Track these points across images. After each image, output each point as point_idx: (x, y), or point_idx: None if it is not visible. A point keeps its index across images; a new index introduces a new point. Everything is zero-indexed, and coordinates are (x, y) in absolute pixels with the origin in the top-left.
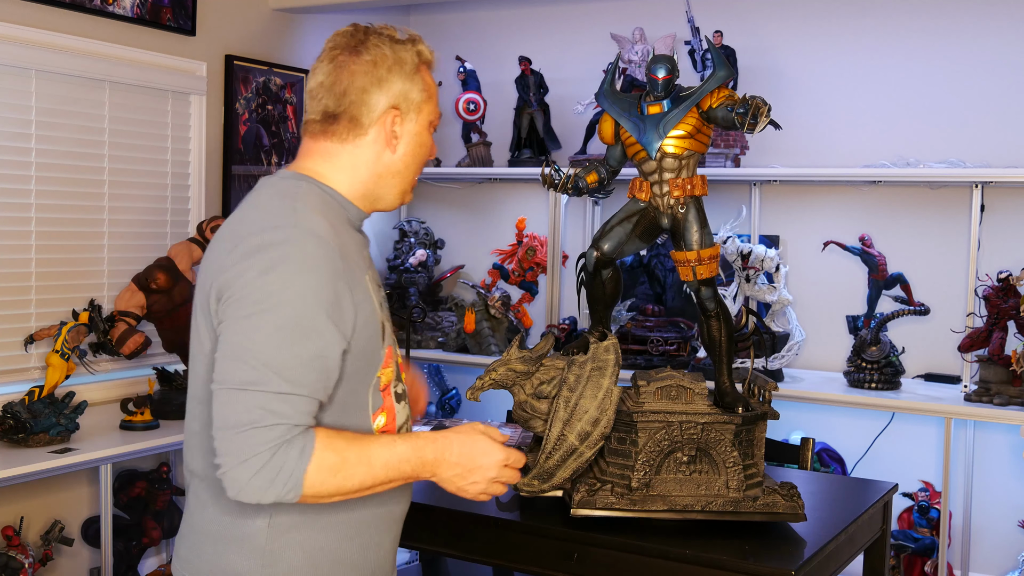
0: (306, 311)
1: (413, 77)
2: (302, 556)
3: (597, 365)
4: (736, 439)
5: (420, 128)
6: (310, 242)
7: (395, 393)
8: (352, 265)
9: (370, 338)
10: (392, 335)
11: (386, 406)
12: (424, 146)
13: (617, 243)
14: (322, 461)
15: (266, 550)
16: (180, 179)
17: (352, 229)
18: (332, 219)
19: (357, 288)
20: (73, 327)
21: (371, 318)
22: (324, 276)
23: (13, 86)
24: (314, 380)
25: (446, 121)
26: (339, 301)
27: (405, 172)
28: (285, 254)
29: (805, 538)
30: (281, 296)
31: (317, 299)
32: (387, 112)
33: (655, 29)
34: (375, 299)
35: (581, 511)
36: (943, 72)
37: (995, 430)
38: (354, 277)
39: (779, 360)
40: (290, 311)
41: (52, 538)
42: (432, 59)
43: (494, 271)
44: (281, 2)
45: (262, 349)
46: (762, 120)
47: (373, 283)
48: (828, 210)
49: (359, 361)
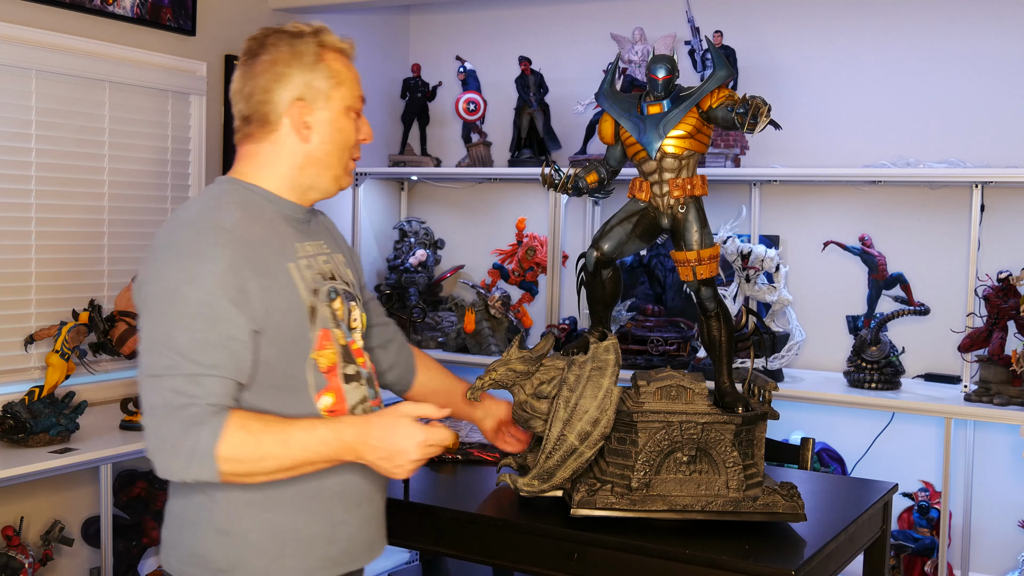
0: (209, 298)
1: (315, 67)
2: (265, 534)
3: (597, 365)
4: (736, 439)
5: (334, 115)
6: (210, 235)
7: (344, 375)
8: (268, 253)
9: (292, 322)
10: (334, 319)
11: (332, 387)
12: (343, 131)
13: (617, 243)
14: (234, 440)
15: (226, 530)
16: (180, 179)
17: (283, 221)
18: (252, 214)
19: (273, 275)
20: (73, 327)
21: (293, 303)
22: (224, 264)
23: (13, 86)
24: (224, 360)
25: (446, 121)
26: (243, 286)
27: (327, 159)
28: (187, 248)
29: (805, 538)
30: (185, 286)
31: (219, 286)
32: (293, 105)
33: (655, 29)
34: (301, 285)
35: (581, 511)
36: (943, 72)
37: (995, 430)
38: (268, 264)
39: (779, 360)
40: (194, 299)
41: (52, 538)
42: (344, 46)
43: (494, 271)
44: (281, 2)
45: (172, 337)
46: (762, 120)
47: (309, 270)
48: (828, 210)
49: (283, 344)
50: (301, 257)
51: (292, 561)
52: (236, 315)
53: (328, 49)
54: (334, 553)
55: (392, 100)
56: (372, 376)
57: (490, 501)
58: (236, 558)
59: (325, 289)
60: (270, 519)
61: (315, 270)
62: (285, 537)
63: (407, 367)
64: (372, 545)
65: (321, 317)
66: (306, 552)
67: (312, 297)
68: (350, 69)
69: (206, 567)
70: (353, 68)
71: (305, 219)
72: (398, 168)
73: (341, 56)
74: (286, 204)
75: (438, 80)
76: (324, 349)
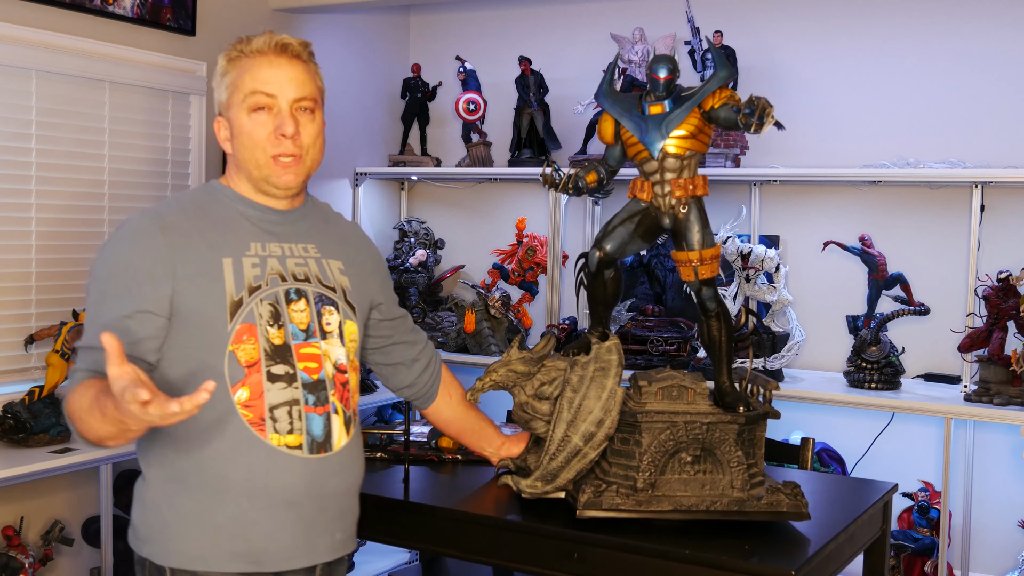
0: (112, 279)
1: (221, 79)
2: (173, 512)
3: (600, 366)
4: (739, 439)
5: (235, 120)
6: (136, 222)
7: (268, 372)
8: (202, 246)
9: (210, 313)
10: (272, 317)
11: (249, 382)
12: (244, 132)
13: (620, 243)
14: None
15: (147, 503)
16: (180, 179)
17: (243, 220)
18: (205, 209)
19: (201, 266)
20: (73, 327)
21: (213, 296)
22: (137, 249)
23: (13, 86)
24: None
25: (446, 121)
26: (150, 272)
27: (246, 164)
28: (117, 232)
29: (805, 538)
30: (99, 266)
31: (123, 268)
32: (217, 120)
33: (655, 29)
34: (231, 280)
35: (588, 512)
36: (943, 72)
37: (995, 430)
38: (198, 256)
39: (779, 360)
40: (102, 278)
41: (52, 538)
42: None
43: (494, 271)
44: (281, 2)
45: (87, 312)
46: (768, 120)
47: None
48: (828, 210)
49: (195, 331)
50: (251, 255)
51: (195, 544)
52: (138, 298)
53: (243, 56)
54: (241, 549)
55: (392, 100)
56: (327, 383)
57: (490, 501)
58: (150, 530)
59: (277, 289)
60: (178, 500)
61: (269, 269)
62: (190, 519)
63: (427, 391)
64: (294, 553)
65: (248, 313)
66: (209, 540)
67: (243, 292)
68: (256, 68)
69: (135, 536)
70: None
71: (281, 220)
72: (398, 168)
73: (252, 57)
74: (251, 204)
75: (438, 80)
76: (243, 343)
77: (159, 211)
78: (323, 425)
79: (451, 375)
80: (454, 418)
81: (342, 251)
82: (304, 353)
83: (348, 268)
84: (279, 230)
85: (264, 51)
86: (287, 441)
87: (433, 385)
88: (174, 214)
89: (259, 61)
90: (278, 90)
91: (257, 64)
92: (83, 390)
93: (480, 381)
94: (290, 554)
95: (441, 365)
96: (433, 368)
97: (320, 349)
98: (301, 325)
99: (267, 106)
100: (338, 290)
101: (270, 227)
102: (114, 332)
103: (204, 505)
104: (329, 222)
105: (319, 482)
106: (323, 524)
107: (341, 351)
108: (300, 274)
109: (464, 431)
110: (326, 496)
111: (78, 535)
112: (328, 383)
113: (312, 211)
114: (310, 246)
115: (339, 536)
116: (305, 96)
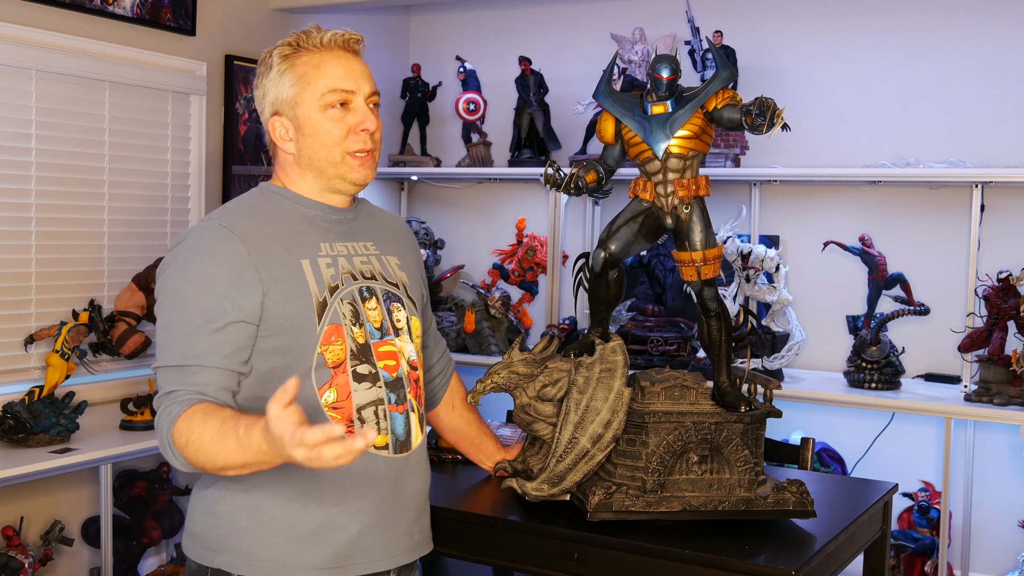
0: (200, 293)
1: (280, 79)
2: (254, 523)
3: (606, 367)
4: (743, 438)
5: (306, 118)
6: (209, 231)
7: (354, 372)
8: (279, 250)
9: (295, 317)
10: (353, 317)
11: (336, 383)
12: (320, 131)
13: (625, 243)
14: (180, 428)
15: (219, 513)
16: (180, 179)
17: (305, 222)
18: (267, 215)
19: (282, 270)
20: (73, 327)
21: (300, 299)
22: (217, 259)
23: (13, 86)
24: (209, 352)
25: (446, 121)
26: (240, 281)
27: (319, 163)
28: (191, 246)
29: (805, 538)
30: (181, 282)
31: (212, 281)
32: (269, 122)
33: (655, 29)
34: (313, 281)
35: (600, 515)
36: (943, 72)
37: (995, 430)
38: (277, 260)
39: (779, 360)
40: (187, 294)
41: (52, 538)
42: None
43: (494, 271)
44: (281, 2)
45: (166, 327)
46: (778, 121)
47: (330, 268)
48: (828, 210)
49: (284, 338)
50: (323, 255)
51: (278, 552)
52: (228, 309)
53: (303, 51)
54: (325, 556)
55: (392, 100)
56: (404, 380)
57: (490, 501)
58: (223, 540)
59: (352, 288)
60: (261, 509)
61: (341, 269)
62: (273, 527)
63: (432, 398)
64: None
65: (333, 313)
66: (295, 547)
67: (325, 293)
68: (328, 64)
69: (203, 546)
70: (338, 60)
71: (342, 219)
72: (398, 168)
73: (319, 52)
74: (313, 205)
75: (438, 80)
76: (331, 345)
77: (229, 219)
78: (404, 423)
79: (459, 383)
80: (453, 428)
81: (396, 246)
82: (382, 351)
83: (403, 263)
84: (341, 229)
85: (331, 47)
86: (375, 442)
87: (439, 392)
88: (244, 220)
89: (327, 57)
90: (355, 86)
91: (326, 60)
92: (202, 418)
93: (481, 383)
94: (372, 557)
95: (453, 375)
96: (444, 377)
97: (396, 346)
98: (375, 323)
99: (345, 102)
100: (400, 286)
101: (332, 227)
102: (207, 347)
103: (291, 512)
104: (375, 217)
105: (402, 482)
106: (404, 525)
107: (412, 347)
108: (367, 272)
109: (462, 440)
110: (407, 496)
111: (78, 535)
112: (405, 380)
113: (361, 209)
114: (369, 244)
115: (417, 537)
116: (376, 91)
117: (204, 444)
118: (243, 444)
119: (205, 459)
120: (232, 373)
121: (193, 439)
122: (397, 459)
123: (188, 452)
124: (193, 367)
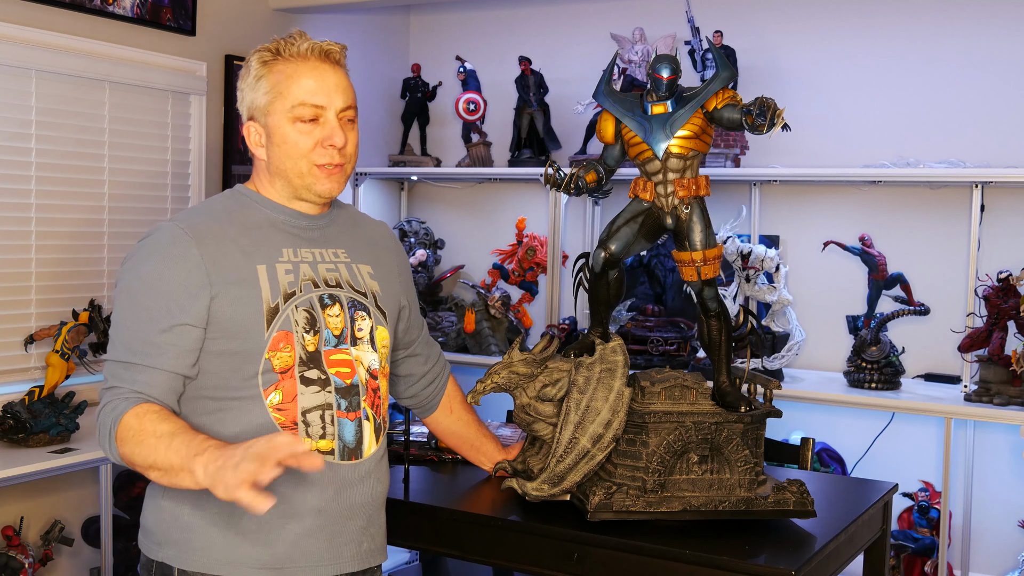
0: (147, 293)
1: (256, 84)
2: (196, 519)
3: (606, 367)
4: (743, 438)
5: (276, 128)
6: (167, 232)
7: (302, 376)
8: (236, 253)
9: (243, 321)
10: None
11: (283, 386)
12: (287, 142)
13: (625, 243)
14: (125, 423)
15: (165, 508)
16: (180, 179)
17: (272, 227)
18: (235, 216)
19: (236, 274)
20: (73, 327)
21: (250, 303)
22: (170, 260)
23: (13, 86)
24: (154, 353)
25: (446, 121)
26: (186, 283)
27: (286, 172)
28: (146, 243)
29: (805, 538)
30: (136, 281)
31: (159, 280)
32: (245, 126)
33: (655, 29)
34: (267, 287)
35: (600, 515)
36: (943, 72)
37: (995, 430)
38: (233, 264)
39: (779, 360)
40: (136, 291)
41: (52, 538)
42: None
43: (494, 271)
44: (281, 2)
45: (117, 322)
46: (779, 122)
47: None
48: (828, 210)
49: (231, 341)
50: (284, 261)
51: (218, 549)
52: (175, 311)
53: (280, 59)
54: (264, 556)
55: (392, 100)
56: (360, 388)
57: (490, 501)
58: (167, 534)
59: (311, 295)
60: (202, 505)
61: (302, 275)
62: (214, 524)
63: (429, 403)
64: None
65: (284, 320)
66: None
67: (279, 299)
68: (301, 75)
69: (150, 539)
70: (313, 72)
71: (312, 226)
72: (398, 168)
73: (295, 62)
74: (282, 210)
75: (438, 80)
76: (279, 351)
77: (189, 219)
78: (355, 431)
79: (456, 387)
80: (452, 432)
81: (371, 254)
82: (335, 359)
83: (377, 271)
84: (310, 235)
85: (307, 57)
86: (319, 446)
87: (435, 398)
88: (205, 221)
89: (302, 68)
90: (326, 100)
91: (300, 71)
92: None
93: (481, 383)
94: (314, 561)
95: (449, 379)
96: (439, 383)
97: (351, 355)
98: (336, 330)
99: (315, 117)
100: (369, 295)
101: (301, 232)
102: (153, 347)
103: (233, 509)
104: (356, 225)
105: (349, 489)
106: (350, 533)
107: (373, 356)
108: (331, 280)
109: (462, 444)
110: (354, 505)
111: (78, 535)
112: (361, 388)
113: (339, 215)
114: (340, 251)
115: (366, 547)
116: (350, 105)
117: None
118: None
119: (140, 455)
120: (176, 376)
121: (134, 435)
122: (344, 465)
123: (124, 447)
124: (139, 366)
